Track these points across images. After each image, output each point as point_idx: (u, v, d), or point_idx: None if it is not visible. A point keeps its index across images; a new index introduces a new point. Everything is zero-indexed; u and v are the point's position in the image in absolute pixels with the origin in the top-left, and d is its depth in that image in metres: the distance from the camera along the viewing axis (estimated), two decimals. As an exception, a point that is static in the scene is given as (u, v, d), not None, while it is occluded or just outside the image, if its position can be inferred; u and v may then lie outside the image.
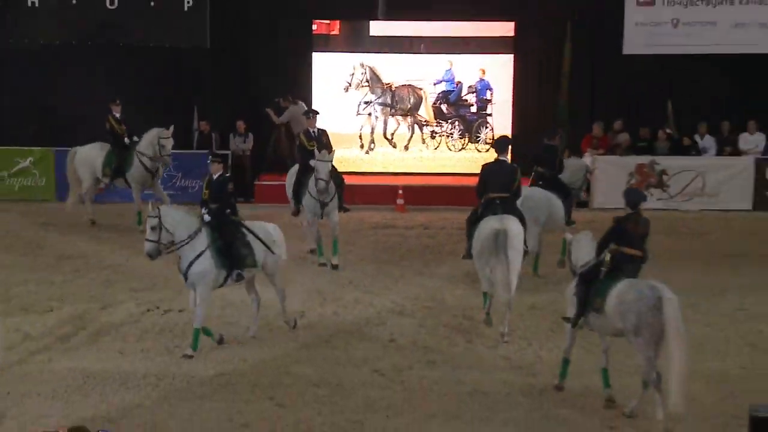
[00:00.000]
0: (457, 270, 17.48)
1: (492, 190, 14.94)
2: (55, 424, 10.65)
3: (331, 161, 17.75)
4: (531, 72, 24.34)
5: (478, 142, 24.45)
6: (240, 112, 23.98)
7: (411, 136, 24.75)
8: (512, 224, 14.51)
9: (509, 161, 15.37)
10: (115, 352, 13.74)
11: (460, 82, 24.66)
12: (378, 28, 24.54)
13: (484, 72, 24.49)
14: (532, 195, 17.15)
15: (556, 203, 17.60)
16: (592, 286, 12.08)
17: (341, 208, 18.33)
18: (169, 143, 20.77)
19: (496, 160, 15.19)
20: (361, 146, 24.60)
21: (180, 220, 13.74)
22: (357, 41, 24.69)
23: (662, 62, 24.48)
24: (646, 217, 12.21)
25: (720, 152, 23.87)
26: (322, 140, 18.26)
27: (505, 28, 24.35)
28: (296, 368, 13.42)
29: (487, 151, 16.74)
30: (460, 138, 24.66)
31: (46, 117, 24.36)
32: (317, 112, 19.06)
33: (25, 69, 24.41)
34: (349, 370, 13.35)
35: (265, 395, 12.51)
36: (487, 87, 24.57)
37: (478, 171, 15.60)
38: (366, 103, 24.60)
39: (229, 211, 14.17)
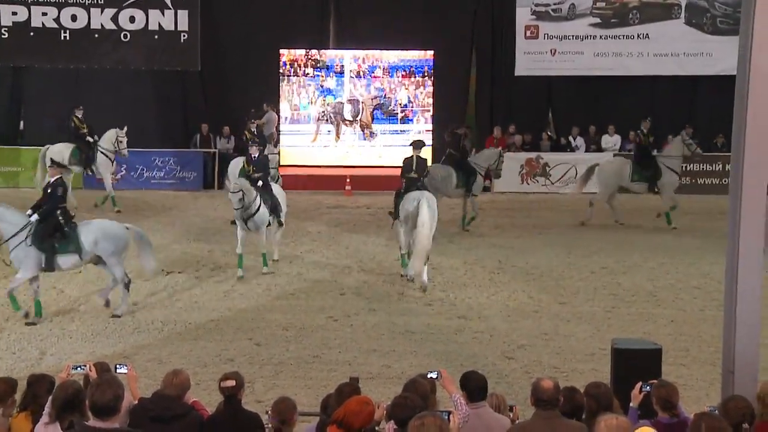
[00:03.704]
0: (391, 240, 17.31)
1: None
2: (83, 359, 10.43)
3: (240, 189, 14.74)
4: (446, 89, 24.24)
5: (403, 139, 24.51)
6: (224, 120, 23.61)
7: (356, 136, 24.72)
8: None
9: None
10: (130, 305, 13.52)
11: (390, 97, 24.66)
12: (332, 58, 24.46)
13: (407, 89, 24.49)
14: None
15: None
16: (399, 199, 14.67)
17: (279, 223, 15.84)
18: None
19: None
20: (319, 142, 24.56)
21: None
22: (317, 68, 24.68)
23: (544, 82, 24.49)
24: (424, 158, 15.23)
25: (588, 149, 23.90)
26: (261, 164, 15.74)
27: (426, 57, 24.24)
28: (269, 315, 13.32)
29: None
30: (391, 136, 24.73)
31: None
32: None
33: (53, 87, 23.65)
34: (309, 316, 13.27)
35: (245, 336, 12.40)
36: (410, 100, 24.59)
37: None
38: (323, 112, 24.51)
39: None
